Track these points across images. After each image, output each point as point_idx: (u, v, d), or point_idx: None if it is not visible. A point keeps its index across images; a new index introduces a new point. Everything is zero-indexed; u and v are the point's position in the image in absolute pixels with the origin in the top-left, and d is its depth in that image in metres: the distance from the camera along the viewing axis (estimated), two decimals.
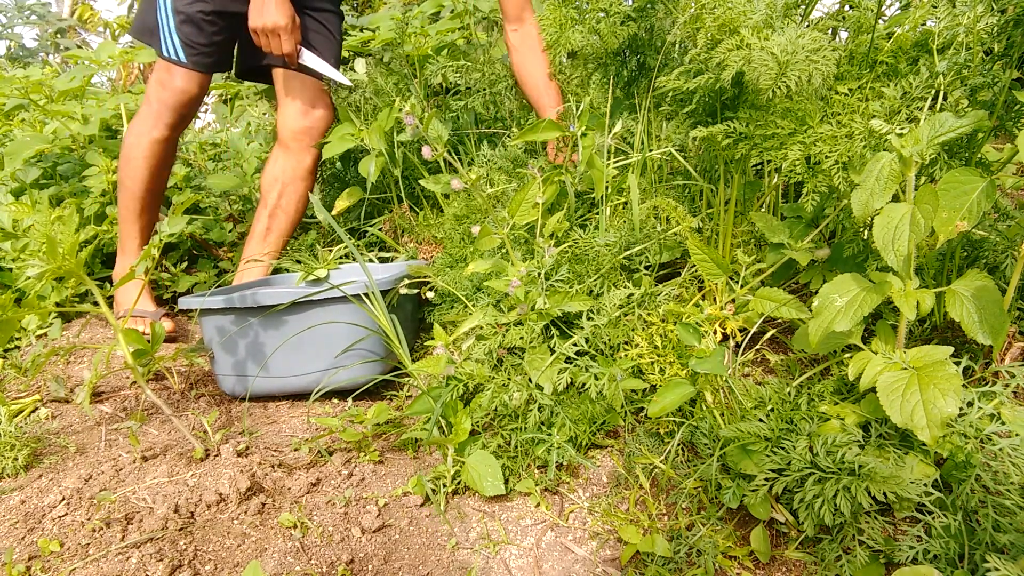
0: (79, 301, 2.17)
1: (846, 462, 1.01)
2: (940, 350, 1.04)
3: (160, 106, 1.92)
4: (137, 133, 1.95)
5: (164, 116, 1.92)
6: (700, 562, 1.09)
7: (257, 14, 1.79)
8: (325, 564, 1.11)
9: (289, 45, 1.83)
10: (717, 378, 1.28)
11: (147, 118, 1.94)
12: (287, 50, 1.84)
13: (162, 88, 1.91)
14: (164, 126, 1.93)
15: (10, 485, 1.29)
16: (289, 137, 2.09)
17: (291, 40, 1.82)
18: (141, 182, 1.97)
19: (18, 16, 9.30)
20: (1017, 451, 0.99)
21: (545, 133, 1.58)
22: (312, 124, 2.08)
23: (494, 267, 1.46)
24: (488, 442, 1.33)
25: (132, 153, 1.96)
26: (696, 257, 1.36)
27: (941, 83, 1.23)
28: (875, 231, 1.02)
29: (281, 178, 2.07)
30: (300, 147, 2.09)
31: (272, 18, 1.78)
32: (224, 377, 1.65)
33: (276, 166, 2.10)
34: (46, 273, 1.22)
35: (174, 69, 1.90)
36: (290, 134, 2.08)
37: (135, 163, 1.96)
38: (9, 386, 1.73)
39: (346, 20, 4.49)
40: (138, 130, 1.95)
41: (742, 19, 1.28)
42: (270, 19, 1.78)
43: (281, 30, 1.79)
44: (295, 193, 2.09)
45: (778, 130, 1.29)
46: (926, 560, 0.99)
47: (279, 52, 1.85)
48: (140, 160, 1.95)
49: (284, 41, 1.82)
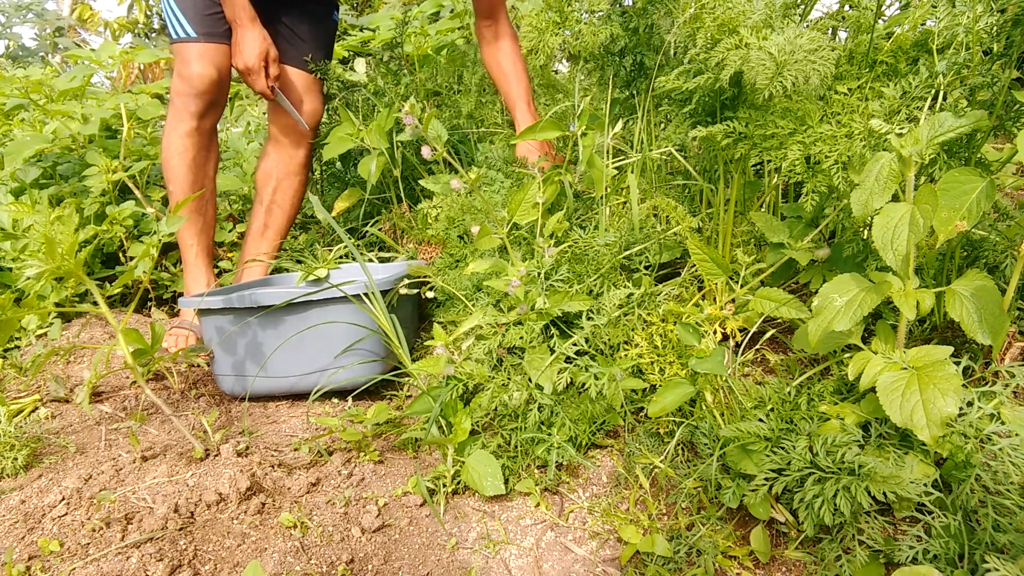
0: (79, 301, 2.17)
1: (846, 462, 1.01)
2: (940, 350, 1.04)
3: (183, 99, 1.88)
4: (168, 133, 1.91)
5: (189, 106, 1.88)
6: (700, 562, 1.09)
7: (235, 55, 1.83)
8: (325, 564, 1.11)
9: (259, 85, 1.86)
10: (717, 378, 1.28)
11: (173, 116, 1.91)
12: (257, 89, 1.87)
13: (181, 80, 1.88)
14: (191, 116, 1.88)
15: (10, 485, 1.29)
16: (280, 131, 2.08)
17: (260, 80, 1.85)
18: (183, 182, 1.92)
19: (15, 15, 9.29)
20: (1017, 451, 0.99)
21: (545, 132, 1.58)
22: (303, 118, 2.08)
23: (494, 267, 1.46)
24: (488, 442, 1.33)
25: (168, 154, 1.92)
26: (696, 257, 1.36)
27: (941, 83, 1.23)
28: (875, 231, 1.02)
29: (275, 173, 2.06)
30: (292, 141, 2.08)
31: (240, 60, 1.81)
32: (224, 377, 1.65)
33: (269, 161, 2.09)
34: (45, 273, 1.22)
35: (188, 53, 1.86)
36: (281, 128, 2.08)
37: (172, 162, 1.92)
38: (9, 386, 1.73)
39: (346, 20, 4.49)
40: (168, 130, 1.92)
41: (742, 19, 1.28)
42: (239, 61, 1.81)
43: (250, 71, 1.81)
44: (290, 188, 2.09)
45: (778, 130, 1.29)
46: (926, 560, 0.99)
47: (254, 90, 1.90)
48: (176, 158, 1.91)
49: (252, 81, 1.85)
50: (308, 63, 2.04)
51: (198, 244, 1.98)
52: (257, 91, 1.89)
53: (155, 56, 2.56)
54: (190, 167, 1.91)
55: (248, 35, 1.78)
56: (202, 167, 1.94)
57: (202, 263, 2.00)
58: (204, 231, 2.00)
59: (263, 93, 1.88)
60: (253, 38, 1.78)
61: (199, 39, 1.86)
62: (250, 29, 1.78)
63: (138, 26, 10.20)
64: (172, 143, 1.91)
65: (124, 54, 2.60)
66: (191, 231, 1.97)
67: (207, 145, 1.95)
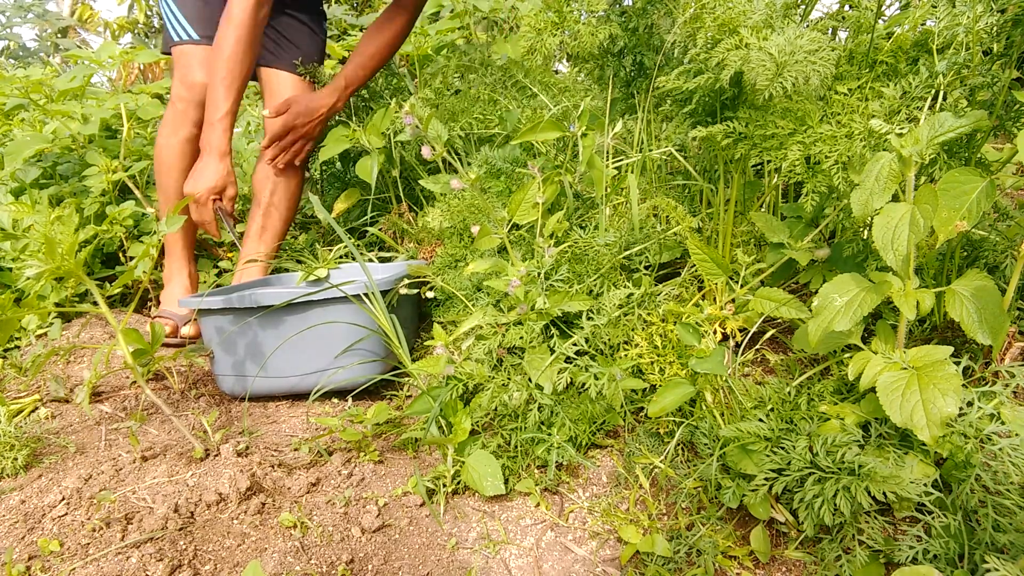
0: (79, 301, 2.17)
1: (846, 462, 1.01)
2: (940, 350, 1.04)
3: (185, 105, 1.88)
4: (167, 135, 1.92)
5: (190, 113, 1.88)
6: (700, 562, 1.09)
7: (189, 177, 1.75)
8: (325, 564, 1.11)
9: (196, 214, 1.76)
10: (717, 378, 1.28)
11: (172, 119, 1.91)
12: (194, 218, 1.77)
13: (183, 87, 1.88)
14: (192, 123, 1.89)
15: (10, 485, 1.29)
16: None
17: (200, 211, 1.74)
18: (177, 185, 1.92)
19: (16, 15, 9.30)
20: (1017, 451, 0.99)
21: (545, 132, 1.58)
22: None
23: (494, 267, 1.46)
24: (488, 442, 1.33)
25: (164, 156, 1.92)
26: (696, 257, 1.36)
27: (941, 83, 1.23)
28: (875, 231, 1.02)
29: (271, 175, 2.07)
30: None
31: (190, 185, 1.73)
32: (223, 377, 1.65)
33: (265, 164, 2.09)
34: (45, 273, 1.22)
35: (191, 58, 1.86)
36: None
37: (168, 164, 1.92)
38: (9, 386, 1.73)
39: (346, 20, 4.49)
40: (167, 132, 1.92)
41: (742, 19, 1.28)
42: (188, 185, 1.74)
43: (195, 199, 1.73)
44: (287, 189, 2.09)
45: (778, 130, 1.30)
46: (926, 560, 0.99)
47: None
48: (174, 161, 1.92)
49: (192, 209, 1.76)
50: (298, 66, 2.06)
51: (183, 239, 2.05)
52: (195, 220, 1.78)
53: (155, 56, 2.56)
54: (183, 172, 1.94)
55: (210, 166, 1.72)
56: None
57: (186, 256, 2.07)
58: (189, 229, 2.06)
59: (199, 224, 1.78)
60: (213, 171, 1.72)
61: (201, 41, 1.86)
62: (215, 161, 1.72)
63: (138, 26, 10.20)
64: (170, 146, 1.92)
65: (124, 54, 2.60)
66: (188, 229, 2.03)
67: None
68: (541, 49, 1.70)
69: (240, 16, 1.68)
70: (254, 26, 1.71)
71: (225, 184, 1.73)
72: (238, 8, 1.69)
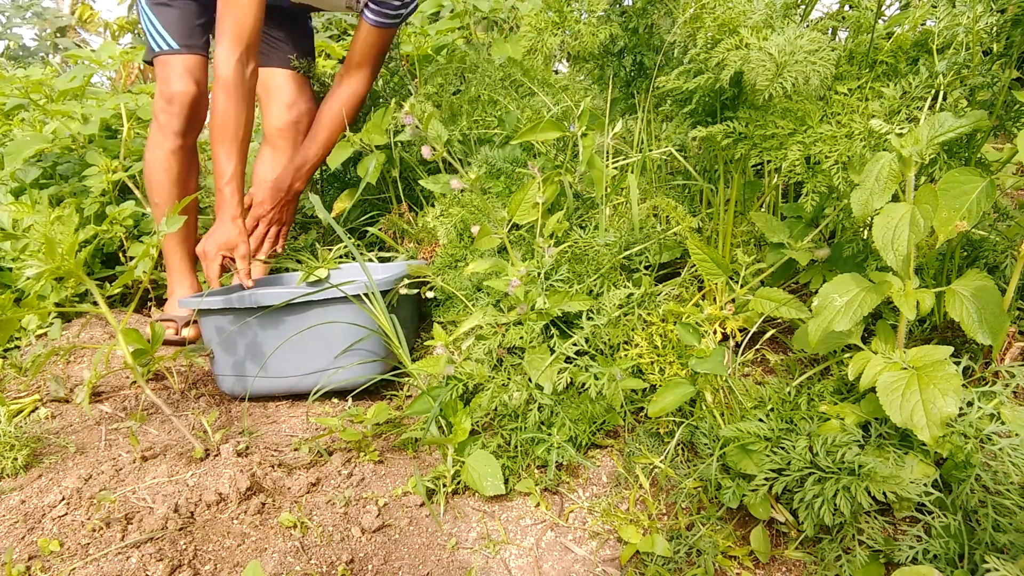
0: (79, 301, 2.17)
1: (846, 462, 1.01)
2: (940, 350, 1.04)
3: (167, 117, 1.90)
4: (153, 149, 1.95)
5: (173, 125, 1.91)
6: (700, 562, 1.09)
7: (205, 236, 1.78)
8: (325, 564, 1.11)
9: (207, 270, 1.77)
10: (717, 378, 1.28)
11: (157, 133, 1.94)
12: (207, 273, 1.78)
13: (163, 99, 1.90)
14: (175, 135, 1.92)
15: (10, 485, 1.29)
16: (275, 134, 2.09)
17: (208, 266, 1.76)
18: (170, 196, 1.97)
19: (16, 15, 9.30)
20: (1017, 451, 0.99)
21: (545, 133, 1.58)
22: (297, 119, 2.08)
23: (494, 267, 1.46)
24: (488, 442, 1.33)
25: (152, 169, 1.96)
26: (696, 257, 1.36)
27: (941, 83, 1.23)
28: (875, 231, 1.02)
29: (270, 176, 2.07)
30: (287, 143, 2.09)
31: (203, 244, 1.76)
32: (223, 377, 1.65)
33: (265, 167, 2.09)
34: (45, 273, 1.22)
35: (169, 69, 1.87)
36: (276, 131, 2.08)
37: (157, 177, 1.96)
38: (9, 386, 1.73)
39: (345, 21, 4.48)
40: (153, 146, 1.95)
41: (742, 19, 1.28)
42: (202, 243, 1.76)
43: (205, 256, 1.75)
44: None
45: (778, 130, 1.29)
46: (926, 560, 0.99)
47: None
48: (162, 174, 1.95)
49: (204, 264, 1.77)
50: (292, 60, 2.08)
51: (181, 250, 2.04)
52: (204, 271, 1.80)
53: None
54: (175, 182, 1.97)
55: (220, 228, 1.75)
56: (186, 180, 2.00)
57: (185, 267, 2.06)
58: (187, 238, 2.06)
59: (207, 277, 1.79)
60: (223, 232, 1.74)
61: (180, 51, 1.88)
62: (227, 224, 1.75)
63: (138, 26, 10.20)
64: (157, 159, 1.95)
65: (124, 54, 2.60)
66: (175, 238, 2.03)
67: (190, 160, 2.01)
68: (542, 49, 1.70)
69: (226, 76, 1.71)
70: (242, 82, 1.74)
71: (236, 243, 1.76)
72: (223, 69, 1.72)
